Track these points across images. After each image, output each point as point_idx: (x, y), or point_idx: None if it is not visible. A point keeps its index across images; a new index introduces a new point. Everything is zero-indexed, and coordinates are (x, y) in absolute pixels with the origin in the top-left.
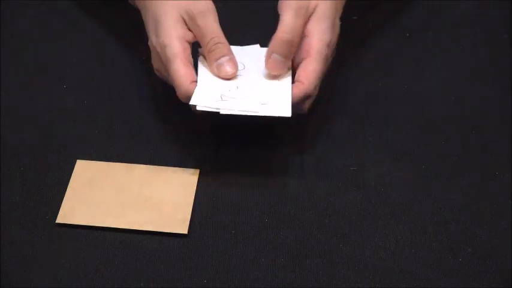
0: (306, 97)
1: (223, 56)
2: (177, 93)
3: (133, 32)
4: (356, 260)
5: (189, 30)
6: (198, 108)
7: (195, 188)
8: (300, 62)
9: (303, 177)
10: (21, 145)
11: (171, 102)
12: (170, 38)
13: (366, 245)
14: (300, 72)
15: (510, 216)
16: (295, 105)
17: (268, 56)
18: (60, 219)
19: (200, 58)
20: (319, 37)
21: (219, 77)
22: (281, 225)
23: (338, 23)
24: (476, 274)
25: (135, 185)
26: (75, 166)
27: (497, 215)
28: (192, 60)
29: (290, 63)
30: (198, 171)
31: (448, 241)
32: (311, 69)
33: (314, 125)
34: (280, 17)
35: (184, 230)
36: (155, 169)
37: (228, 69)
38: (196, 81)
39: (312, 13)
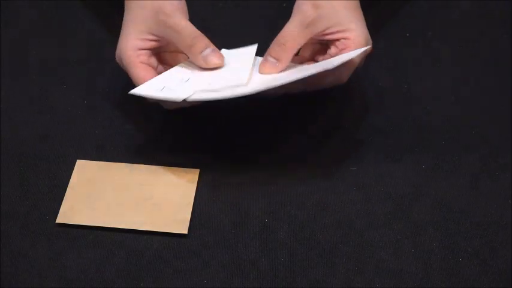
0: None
1: (206, 47)
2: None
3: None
4: (356, 260)
5: (153, 40)
6: (133, 92)
7: (195, 188)
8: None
9: (303, 177)
10: (21, 145)
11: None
12: (125, 48)
13: (366, 245)
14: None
15: (510, 216)
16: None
17: (264, 58)
18: (60, 219)
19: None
20: (360, 43)
21: (207, 69)
22: (281, 225)
23: (360, 10)
24: (476, 274)
25: (135, 185)
26: (75, 166)
27: (497, 215)
28: (152, 65)
29: (283, 67)
30: (198, 171)
31: (448, 241)
32: (358, 43)
33: (314, 125)
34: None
35: (184, 230)
36: (155, 169)
37: (215, 59)
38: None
39: (339, 23)
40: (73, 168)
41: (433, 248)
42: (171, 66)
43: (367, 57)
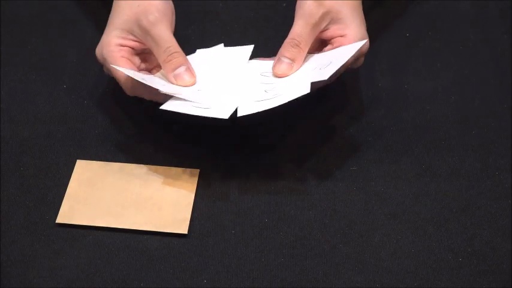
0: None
1: (180, 65)
2: (124, 90)
3: None
4: (356, 260)
5: (133, 41)
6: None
7: (195, 188)
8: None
9: (303, 177)
10: (21, 145)
11: None
12: (106, 43)
13: (366, 245)
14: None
15: (510, 216)
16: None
17: (277, 59)
18: (60, 219)
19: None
20: (356, 37)
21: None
22: (281, 225)
23: (361, 8)
24: (476, 274)
25: (135, 185)
26: (75, 166)
27: (497, 215)
28: (134, 61)
29: (298, 67)
30: (198, 171)
31: (448, 241)
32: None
33: (314, 125)
34: (294, 21)
35: (184, 230)
36: (155, 169)
37: (186, 78)
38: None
39: (340, 18)
40: (73, 168)
41: (433, 248)
42: (154, 66)
43: (367, 57)
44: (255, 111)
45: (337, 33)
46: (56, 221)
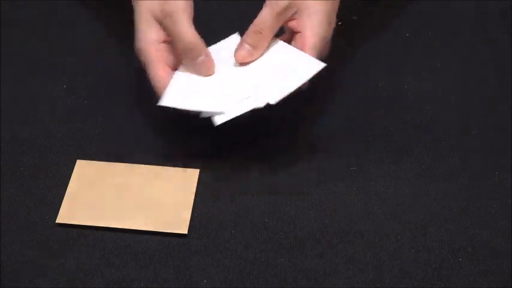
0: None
1: (199, 55)
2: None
3: (133, 32)
4: (356, 260)
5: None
6: (163, 104)
7: (195, 188)
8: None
9: (303, 177)
10: (21, 145)
11: None
12: (143, 42)
13: (365, 245)
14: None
15: (510, 216)
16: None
17: (239, 45)
18: (60, 219)
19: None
20: (312, 31)
21: (201, 76)
22: (281, 225)
23: (334, 19)
24: (476, 274)
25: (135, 185)
26: (75, 166)
27: (497, 215)
28: (170, 60)
29: (258, 54)
30: (198, 171)
31: (448, 241)
32: (310, 44)
33: (314, 125)
34: (262, 8)
35: (184, 230)
36: (155, 169)
37: (205, 69)
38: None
39: (302, 9)
40: (73, 168)
41: (433, 248)
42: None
43: (367, 57)
44: (230, 118)
45: (297, 27)
46: (56, 221)
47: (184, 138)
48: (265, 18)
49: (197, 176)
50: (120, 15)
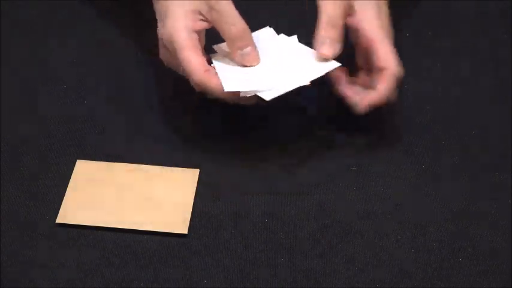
0: (398, 79)
1: (248, 45)
2: (192, 83)
3: (134, 32)
4: (356, 260)
5: (202, 20)
6: (228, 89)
7: (195, 188)
8: (365, 55)
9: (303, 177)
10: (21, 145)
11: (171, 102)
12: (177, 28)
13: (365, 245)
14: (377, 63)
15: (510, 216)
16: (391, 93)
17: (321, 42)
18: (60, 219)
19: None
20: (372, 25)
21: (241, 65)
22: (281, 225)
23: (385, 9)
24: (476, 274)
25: (135, 185)
26: (75, 166)
27: (497, 215)
28: (201, 49)
29: (338, 48)
30: (198, 171)
31: (448, 241)
32: (384, 52)
33: (314, 125)
34: (321, 8)
35: (184, 230)
36: (155, 169)
37: (251, 59)
38: (210, 70)
39: (354, 6)
40: (73, 168)
41: (433, 248)
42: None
43: None
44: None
45: (355, 24)
46: (56, 221)
47: (184, 138)
48: (335, 11)
49: (197, 176)
50: (121, 15)
